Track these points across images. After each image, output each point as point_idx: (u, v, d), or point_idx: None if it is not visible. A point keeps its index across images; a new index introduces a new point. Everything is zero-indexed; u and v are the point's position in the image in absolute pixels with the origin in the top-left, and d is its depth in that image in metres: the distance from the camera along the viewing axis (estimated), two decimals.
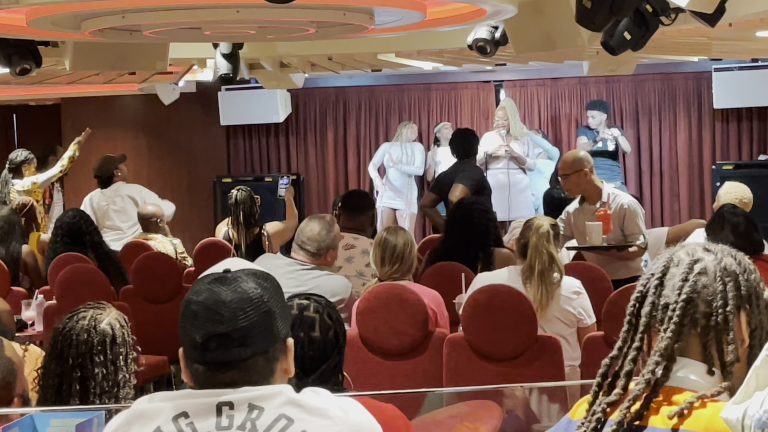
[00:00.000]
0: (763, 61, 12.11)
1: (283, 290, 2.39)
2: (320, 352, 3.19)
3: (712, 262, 2.24)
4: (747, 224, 6.19)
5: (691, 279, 2.21)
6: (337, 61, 9.74)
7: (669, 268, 2.26)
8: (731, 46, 9.66)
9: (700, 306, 2.20)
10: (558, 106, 13.57)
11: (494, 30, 7.50)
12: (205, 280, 2.29)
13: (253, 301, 2.25)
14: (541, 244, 5.68)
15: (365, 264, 6.88)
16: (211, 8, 5.84)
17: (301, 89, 12.23)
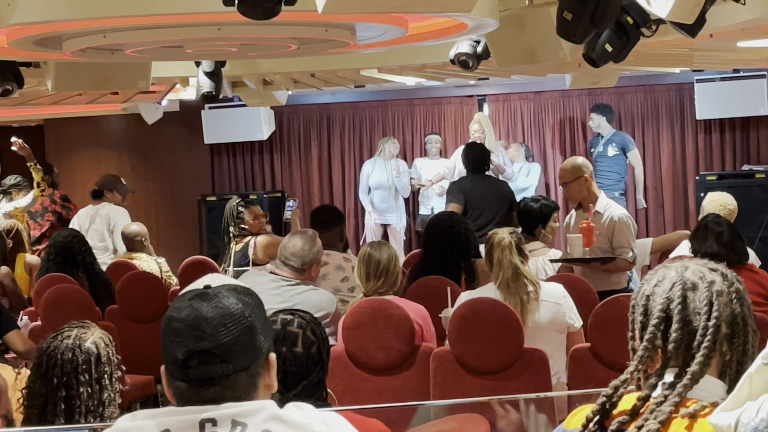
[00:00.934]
0: (744, 72, 12.15)
1: (267, 307, 2.38)
2: (302, 368, 3.18)
3: (722, 283, 2.34)
4: (731, 233, 6.20)
5: (715, 303, 2.29)
6: (320, 77, 9.75)
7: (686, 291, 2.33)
8: (713, 56, 9.69)
9: (723, 329, 2.29)
10: (541, 119, 13.60)
11: (476, 44, 7.51)
12: (185, 297, 2.28)
13: (234, 317, 2.24)
14: (504, 257, 5.68)
15: (340, 279, 6.86)
16: (192, 26, 5.83)
17: (284, 106, 12.24)
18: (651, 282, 2.39)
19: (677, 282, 2.34)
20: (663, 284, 2.35)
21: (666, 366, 2.30)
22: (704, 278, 2.34)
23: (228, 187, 14.25)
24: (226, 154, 14.36)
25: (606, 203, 7.27)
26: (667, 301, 2.32)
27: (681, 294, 2.32)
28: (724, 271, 2.38)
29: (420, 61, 8.57)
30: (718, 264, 2.41)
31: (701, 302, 2.31)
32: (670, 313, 2.31)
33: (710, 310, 2.29)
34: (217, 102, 11.15)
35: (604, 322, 5.45)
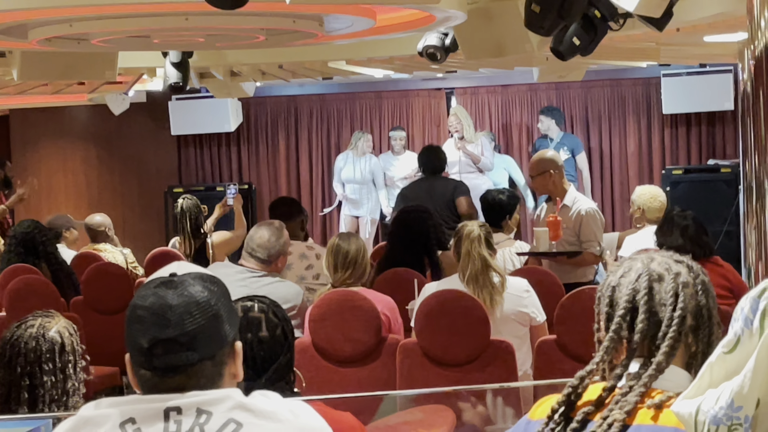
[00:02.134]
0: (711, 66, 12.20)
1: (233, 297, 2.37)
2: (270, 351, 3.18)
3: (688, 274, 2.34)
4: (696, 227, 6.22)
5: (680, 294, 2.30)
6: (287, 69, 9.72)
7: (651, 282, 2.33)
8: (679, 51, 9.73)
9: (688, 320, 2.30)
10: (509, 112, 13.62)
11: (444, 37, 7.51)
12: (151, 285, 2.27)
13: (200, 305, 2.23)
14: (473, 248, 5.68)
15: (305, 267, 6.87)
16: (159, 16, 5.81)
17: (252, 98, 12.20)
18: (617, 273, 2.40)
19: (643, 273, 2.34)
20: (629, 275, 2.36)
21: (631, 356, 2.30)
22: (670, 270, 2.35)
23: (194, 179, 14.20)
24: (193, 146, 14.31)
25: (575, 197, 7.29)
26: (633, 292, 2.33)
27: (647, 285, 2.33)
28: (690, 262, 2.39)
29: (388, 53, 8.57)
30: (683, 256, 2.42)
31: (667, 293, 2.32)
32: (636, 303, 2.32)
33: (676, 301, 2.30)
34: (184, 93, 11.10)
35: (570, 314, 5.46)
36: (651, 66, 11.86)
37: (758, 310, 1.84)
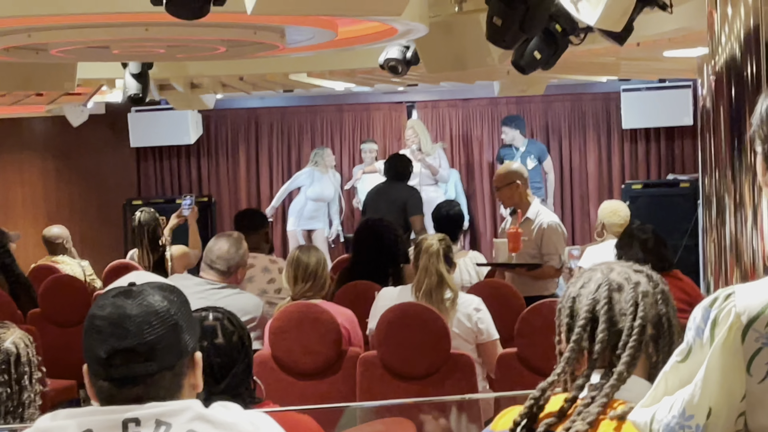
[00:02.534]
0: (670, 82, 12.29)
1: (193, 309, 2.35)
2: (227, 358, 3.18)
3: (647, 284, 2.35)
4: (656, 241, 6.24)
5: (640, 304, 2.31)
6: (248, 81, 9.70)
7: (611, 292, 2.33)
8: (639, 66, 9.79)
9: (649, 329, 2.31)
10: (469, 126, 13.65)
11: (406, 50, 7.52)
12: (109, 294, 2.24)
13: (159, 315, 2.20)
14: (431, 263, 5.67)
15: (267, 281, 6.84)
16: (119, 26, 5.77)
17: (212, 110, 12.16)
18: (577, 284, 2.40)
19: (603, 283, 2.34)
20: (589, 286, 2.36)
21: (593, 367, 2.30)
22: (629, 279, 2.35)
23: (154, 191, 14.13)
24: (153, 158, 14.24)
25: (538, 210, 7.32)
26: (593, 302, 2.33)
27: (607, 295, 2.33)
28: (649, 272, 2.39)
29: (349, 65, 8.56)
30: (643, 266, 2.42)
31: (627, 303, 2.32)
32: (596, 314, 2.32)
33: (636, 310, 2.31)
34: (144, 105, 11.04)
35: (530, 327, 5.46)
36: (611, 81, 11.93)
37: (709, 320, 1.85)
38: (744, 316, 1.81)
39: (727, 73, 4.09)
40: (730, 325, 1.82)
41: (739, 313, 1.82)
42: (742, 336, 1.81)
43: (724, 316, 1.83)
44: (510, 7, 5.29)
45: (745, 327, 1.81)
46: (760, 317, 1.81)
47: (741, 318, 1.81)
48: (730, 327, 1.82)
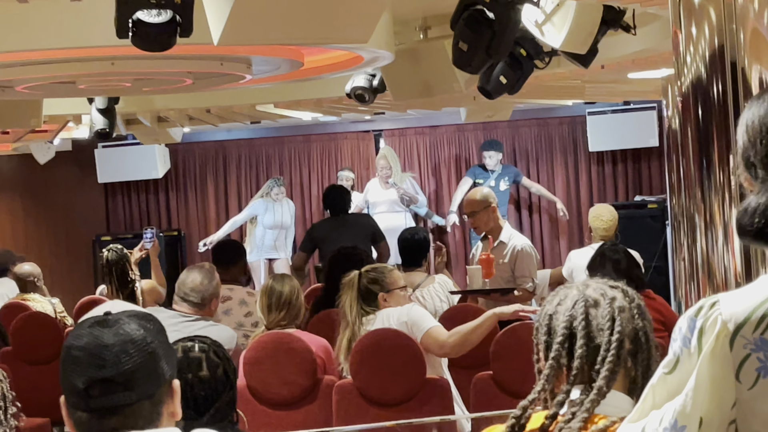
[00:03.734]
0: (635, 104, 12.38)
1: None
2: (212, 391, 3.15)
3: (623, 299, 2.37)
4: (628, 261, 6.27)
5: (617, 319, 2.32)
6: (215, 113, 9.69)
7: (588, 308, 2.35)
8: (604, 88, 9.85)
9: (626, 344, 2.32)
10: (437, 153, 13.68)
11: (372, 78, 7.55)
12: (85, 324, 2.23)
13: (136, 343, 2.19)
14: (351, 297, 5.57)
15: (244, 314, 6.81)
16: (84, 61, 5.76)
17: (180, 144, 12.14)
18: (553, 302, 2.41)
19: (579, 299, 2.36)
20: (565, 302, 2.38)
21: (572, 383, 2.31)
22: (605, 295, 2.37)
23: (123, 227, 14.07)
24: (121, 193, 14.19)
25: (510, 234, 7.35)
26: (570, 319, 2.34)
27: (583, 311, 2.34)
28: (625, 288, 2.41)
29: (316, 95, 8.58)
30: (618, 281, 2.43)
31: (604, 318, 2.33)
32: (574, 330, 2.33)
33: (613, 325, 2.32)
34: (111, 140, 11.03)
35: (505, 350, 5.46)
36: (577, 104, 12.01)
37: (695, 329, 1.85)
38: (731, 323, 1.82)
39: (693, 93, 4.12)
40: (718, 332, 1.82)
41: (726, 321, 1.82)
42: (730, 343, 1.82)
43: (711, 325, 1.83)
44: (476, 32, 5.32)
45: (733, 334, 1.82)
46: (746, 323, 1.82)
47: (728, 325, 1.82)
48: (717, 335, 1.82)
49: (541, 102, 11.21)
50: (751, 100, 1.96)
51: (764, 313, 1.82)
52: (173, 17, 4.45)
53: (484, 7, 5.30)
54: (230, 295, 6.82)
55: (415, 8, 6.81)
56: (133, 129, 10.41)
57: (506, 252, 7.16)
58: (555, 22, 5.57)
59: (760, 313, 1.82)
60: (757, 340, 1.81)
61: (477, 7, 5.32)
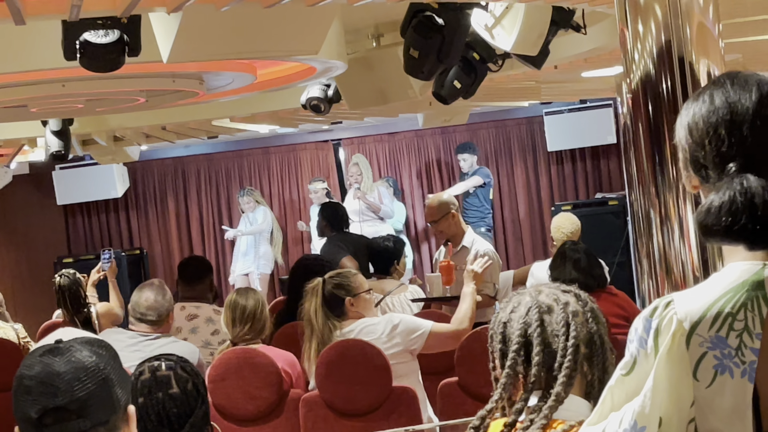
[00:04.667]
0: (591, 102, 12.44)
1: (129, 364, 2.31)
2: (184, 407, 3.13)
3: (576, 303, 2.38)
4: (588, 260, 6.30)
5: (571, 323, 2.33)
6: (171, 130, 9.65)
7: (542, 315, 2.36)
8: (559, 88, 9.88)
9: (582, 348, 2.33)
10: (397, 159, 13.70)
11: (327, 88, 7.54)
12: (36, 353, 2.21)
13: (89, 370, 2.17)
14: (316, 305, 5.54)
15: (210, 332, 6.76)
16: (35, 84, 5.72)
17: (137, 162, 12.08)
18: (507, 309, 2.41)
19: (533, 306, 2.36)
20: (519, 310, 2.38)
21: (530, 390, 2.31)
22: (559, 300, 2.38)
23: (84, 248, 13.99)
24: (81, 214, 14.12)
25: (473, 238, 7.35)
26: (524, 326, 2.34)
27: (538, 317, 2.34)
28: (577, 291, 2.42)
29: (272, 107, 8.56)
30: (570, 286, 2.44)
31: (558, 324, 2.34)
32: (529, 337, 2.34)
33: (567, 330, 2.33)
34: (68, 161, 10.96)
35: (470, 355, 5.46)
36: (533, 105, 12.04)
37: (651, 329, 1.85)
38: (686, 322, 1.82)
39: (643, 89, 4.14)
40: (674, 332, 1.82)
41: (681, 320, 1.82)
42: (686, 342, 1.82)
43: (666, 324, 1.83)
44: (426, 38, 5.33)
45: (689, 333, 1.82)
46: (702, 321, 1.82)
47: (683, 324, 1.82)
48: (673, 334, 1.82)
49: (497, 104, 11.24)
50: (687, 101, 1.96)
51: (719, 311, 1.82)
52: (121, 37, 4.43)
53: (433, 13, 5.31)
54: (197, 312, 6.78)
55: (366, 16, 6.81)
56: (89, 149, 10.35)
57: (469, 257, 7.15)
58: (505, 25, 5.58)
59: (714, 310, 1.82)
60: (713, 338, 1.82)
61: (426, 13, 5.33)
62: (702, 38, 4.06)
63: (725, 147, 1.86)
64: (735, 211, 1.80)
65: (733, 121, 1.87)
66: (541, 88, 9.54)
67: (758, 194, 1.79)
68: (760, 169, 1.83)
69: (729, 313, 1.82)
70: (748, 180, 1.81)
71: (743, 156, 1.84)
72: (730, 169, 1.85)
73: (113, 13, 4.26)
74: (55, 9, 4.07)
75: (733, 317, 1.82)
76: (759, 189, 1.80)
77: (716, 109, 1.89)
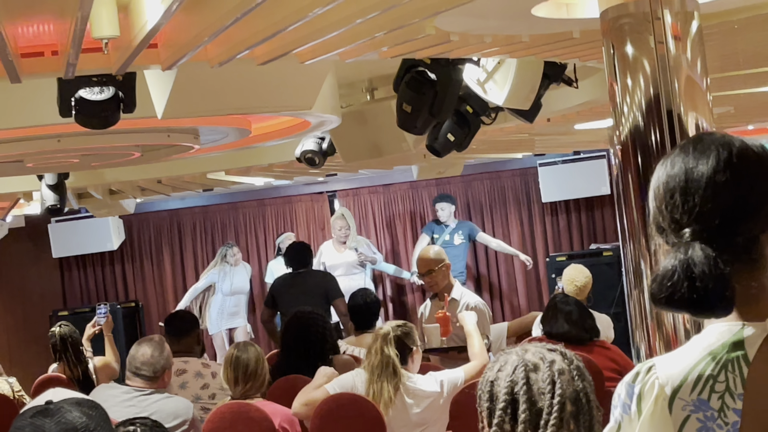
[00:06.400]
0: (585, 153, 12.48)
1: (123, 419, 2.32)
2: None
3: (562, 362, 2.41)
4: (579, 312, 6.29)
5: (557, 382, 2.36)
6: (167, 183, 9.69)
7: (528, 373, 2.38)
8: (552, 140, 9.94)
9: (568, 406, 2.35)
10: (392, 211, 13.73)
11: (321, 141, 7.58)
12: (27, 415, 2.21)
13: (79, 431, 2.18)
14: (377, 345, 5.63)
15: (200, 387, 6.73)
16: (31, 140, 5.76)
17: (133, 214, 12.11)
18: (494, 368, 2.43)
19: (519, 365, 2.38)
20: (505, 368, 2.40)
21: None
22: (545, 359, 2.40)
23: (80, 301, 13.98)
24: (76, 267, 14.12)
25: (461, 291, 7.34)
26: (511, 384, 2.36)
27: (524, 375, 2.37)
28: (563, 350, 2.44)
29: (266, 160, 8.60)
30: (557, 344, 2.47)
31: (544, 382, 2.36)
32: (516, 395, 2.36)
33: (553, 388, 2.35)
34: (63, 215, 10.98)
35: (464, 408, 5.45)
36: (527, 156, 12.09)
37: (634, 395, 1.87)
38: (668, 387, 1.84)
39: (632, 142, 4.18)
40: (656, 396, 1.83)
41: (663, 384, 1.84)
42: (668, 406, 1.83)
43: (649, 389, 1.85)
44: (418, 93, 5.38)
45: (671, 397, 1.83)
46: (683, 385, 1.83)
47: (665, 389, 1.84)
48: (656, 399, 1.83)
49: (491, 156, 11.29)
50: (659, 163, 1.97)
51: (699, 374, 1.84)
52: (116, 94, 4.47)
53: (425, 69, 5.36)
54: (185, 367, 6.75)
55: (360, 70, 6.86)
56: (85, 202, 10.38)
57: (459, 309, 7.16)
58: (497, 80, 5.64)
59: (695, 374, 1.84)
60: (695, 401, 1.83)
61: (418, 68, 5.38)
62: (690, 92, 4.10)
63: (678, 213, 1.87)
64: (676, 281, 1.81)
65: (687, 188, 1.87)
66: (534, 140, 9.59)
67: (699, 264, 1.80)
68: (712, 237, 1.83)
69: (710, 375, 1.83)
70: (694, 249, 1.82)
71: (696, 222, 1.85)
72: (683, 234, 1.86)
73: (108, 70, 4.31)
74: (51, 68, 4.11)
75: (714, 379, 1.83)
76: (702, 259, 1.80)
77: (675, 174, 1.89)
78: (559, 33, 4.72)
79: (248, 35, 3.90)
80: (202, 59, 4.25)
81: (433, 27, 4.17)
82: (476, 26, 4.45)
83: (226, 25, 3.57)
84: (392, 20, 3.92)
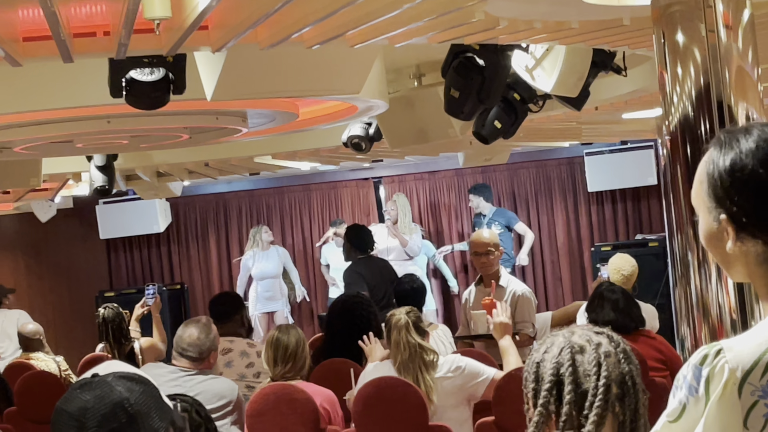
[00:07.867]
0: (632, 143, 12.41)
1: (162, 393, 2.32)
2: None
3: (609, 344, 2.40)
4: (626, 300, 6.27)
5: (603, 364, 2.36)
6: (214, 166, 9.74)
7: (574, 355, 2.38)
8: (600, 129, 9.90)
9: (613, 388, 2.35)
10: (437, 198, 13.73)
11: (368, 126, 7.59)
12: (75, 386, 2.23)
13: (118, 405, 2.17)
14: (401, 337, 5.62)
15: (245, 365, 6.79)
16: (81, 120, 5.81)
17: (180, 197, 12.18)
18: (540, 350, 2.44)
19: (565, 347, 2.39)
20: (552, 350, 2.41)
21: (562, 429, 2.32)
22: (591, 341, 2.40)
23: (126, 282, 14.10)
24: (123, 249, 14.23)
25: (508, 278, 7.32)
26: (557, 366, 2.37)
27: (570, 357, 2.37)
28: (610, 333, 2.44)
29: (313, 145, 8.62)
30: (603, 327, 2.47)
31: (590, 364, 2.36)
32: (561, 377, 2.36)
33: (599, 370, 2.35)
34: (111, 196, 11.08)
35: (507, 395, 5.45)
36: (574, 145, 12.05)
37: (702, 378, 1.85)
38: (738, 371, 1.82)
39: (681, 132, 4.16)
40: (726, 381, 1.82)
41: (733, 369, 1.82)
42: (738, 391, 1.82)
43: (718, 373, 1.83)
44: (466, 78, 5.37)
45: (741, 381, 1.82)
46: (754, 370, 1.82)
47: (735, 373, 1.82)
48: (725, 383, 1.82)
49: (538, 144, 11.26)
50: None
51: None
52: (166, 75, 4.50)
53: (474, 54, 5.36)
54: (231, 347, 6.82)
55: (408, 56, 6.87)
56: (133, 184, 10.46)
57: (506, 297, 7.15)
58: (545, 67, 5.62)
59: (766, 358, 1.83)
60: (765, 387, 1.81)
61: (467, 54, 5.37)
62: (741, 81, 4.08)
63: None
64: None
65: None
66: (581, 128, 9.55)
67: None
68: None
69: None
70: None
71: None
72: None
73: (159, 51, 4.34)
74: (103, 48, 4.15)
75: None
76: None
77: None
78: (609, 20, 4.70)
79: (298, 18, 3.91)
80: (252, 41, 4.27)
81: (482, 12, 4.16)
82: (525, 12, 4.44)
83: (277, 8, 3.58)
84: (442, 5, 3.93)
